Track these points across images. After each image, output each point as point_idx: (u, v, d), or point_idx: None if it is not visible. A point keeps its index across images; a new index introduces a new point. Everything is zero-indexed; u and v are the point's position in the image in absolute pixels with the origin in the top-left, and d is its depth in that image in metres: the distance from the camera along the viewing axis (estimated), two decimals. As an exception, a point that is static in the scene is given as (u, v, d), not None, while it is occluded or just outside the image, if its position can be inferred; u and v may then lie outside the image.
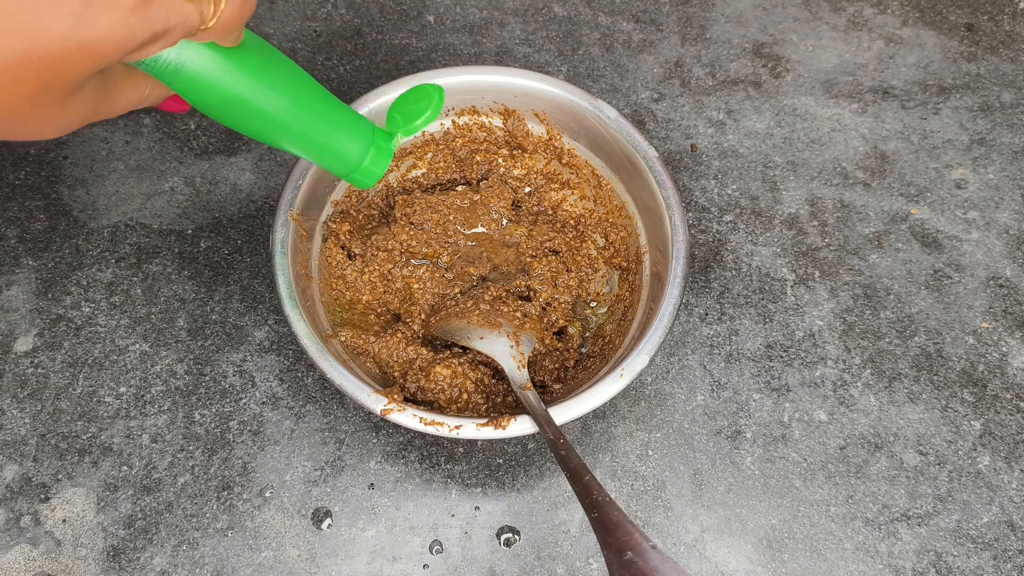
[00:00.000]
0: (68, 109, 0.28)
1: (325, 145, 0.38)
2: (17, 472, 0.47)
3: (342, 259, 0.50)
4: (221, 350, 0.52)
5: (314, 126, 0.37)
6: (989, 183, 0.61)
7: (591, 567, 0.46)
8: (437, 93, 0.41)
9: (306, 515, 0.47)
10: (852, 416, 0.51)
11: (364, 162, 0.40)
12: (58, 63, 0.25)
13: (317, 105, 0.37)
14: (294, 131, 0.36)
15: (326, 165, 0.40)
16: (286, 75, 0.35)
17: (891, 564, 0.47)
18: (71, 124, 0.29)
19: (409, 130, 0.41)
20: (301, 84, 0.36)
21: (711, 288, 0.56)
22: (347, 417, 0.50)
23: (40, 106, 0.26)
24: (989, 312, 0.56)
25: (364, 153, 0.39)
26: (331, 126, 0.38)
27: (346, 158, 0.39)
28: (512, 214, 0.53)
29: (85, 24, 0.24)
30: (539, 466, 0.49)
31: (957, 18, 0.70)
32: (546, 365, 0.48)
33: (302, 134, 0.36)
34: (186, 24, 0.28)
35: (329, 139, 0.38)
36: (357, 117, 0.39)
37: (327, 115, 0.37)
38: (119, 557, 0.45)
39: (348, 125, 0.39)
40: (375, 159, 0.40)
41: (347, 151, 0.39)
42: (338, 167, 0.40)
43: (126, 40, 0.26)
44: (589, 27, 0.69)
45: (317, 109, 0.37)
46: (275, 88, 0.34)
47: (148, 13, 0.26)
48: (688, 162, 0.62)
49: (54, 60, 0.25)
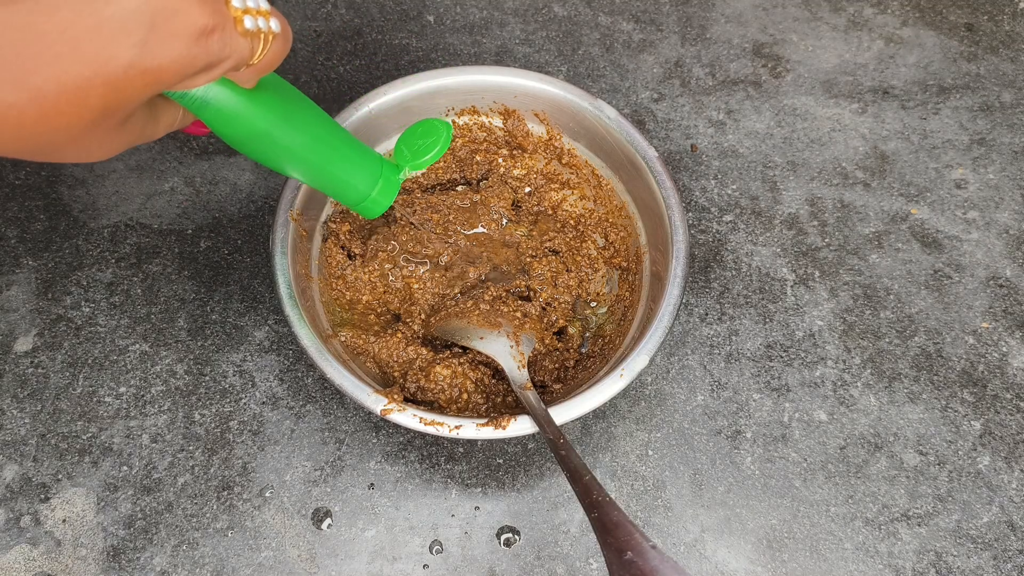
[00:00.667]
0: (121, 133, 0.29)
1: (337, 177, 0.40)
2: (17, 472, 0.47)
3: (342, 259, 0.50)
4: (221, 350, 0.52)
5: (328, 160, 0.38)
6: (989, 183, 0.61)
7: (591, 567, 0.46)
8: (446, 130, 0.43)
9: (306, 515, 0.47)
10: (852, 416, 0.51)
11: (372, 193, 0.41)
12: (120, 89, 0.25)
13: (332, 140, 0.38)
14: (309, 164, 0.38)
15: (337, 195, 0.41)
16: (304, 112, 0.36)
17: (891, 564, 0.47)
18: (119, 147, 0.30)
19: (417, 165, 0.43)
20: (317, 121, 0.37)
21: (711, 288, 0.56)
22: (347, 417, 0.50)
23: (97, 129, 0.27)
24: (989, 312, 0.56)
25: (373, 185, 0.41)
26: (344, 160, 0.39)
27: (356, 190, 0.41)
28: (512, 214, 0.53)
29: (149, 52, 0.25)
30: (539, 466, 0.49)
31: (957, 18, 0.70)
32: (546, 365, 0.48)
33: (316, 167, 0.38)
34: (238, 57, 0.29)
35: (341, 172, 0.39)
36: (367, 151, 0.41)
37: (340, 150, 0.39)
38: (119, 557, 0.45)
39: (359, 159, 0.40)
40: (383, 191, 0.42)
41: (357, 183, 0.41)
42: (348, 198, 0.41)
43: (185, 69, 0.26)
44: (589, 27, 0.69)
45: (332, 144, 0.38)
46: (294, 124, 0.35)
47: (208, 44, 0.27)
48: (688, 162, 0.62)
49: (117, 86, 0.25)
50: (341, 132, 0.39)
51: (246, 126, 0.33)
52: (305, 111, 0.36)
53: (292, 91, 0.36)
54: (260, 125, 0.34)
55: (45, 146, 0.27)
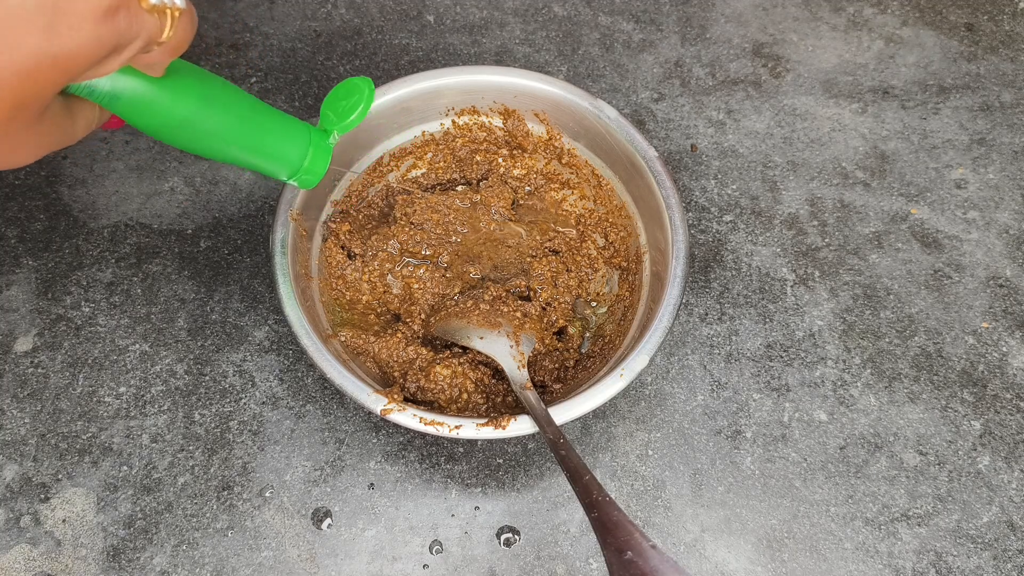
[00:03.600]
0: (40, 131, 0.29)
1: (267, 154, 0.38)
2: (17, 472, 0.47)
3: (342, 259, 0.50)
4: (221, 350, 0.52)
5: (254, 138, 0.37)
6: (989, 183, 0.61)
7: (591, 567, 0.46)
8: (367, 86, 0.41)
9: (306, 515, 0.47)
10: (852, 416, 0.51)
11: (304, 164, 0.40)
12: (31, 78, 0.25)
13: (255, 117, 0.37)
14: (235, 145, 0.36)
15: (269, 172, 0.40)
16: (221, 92, 0.35)
17: (891, 564, 0.47)
18: (40, 149, 0.30)
19: (344, 127, 0.41)
20: (236, 99, 0.36)
21: (711, 288, 0.56)
22: (347, 417, 0.50)
23: (14, 126, 0.27)
24: (989, 312, 0.56)
25: (303, 156, 0.40)
26: (270, 135, 0.38)
27: (288, 163, 0.39)
28: (512, 214, 0.53)
29: (56, 37, 0.25)
30: (539, 466, 0.49)
31: (957, 18, 0.70)
32: (546, 365, 0.48)
33: (243, 146, 0.37)
34: (147, 35, 0.28)
35: (270, 148, 0.38)
36: (293, 122, 0.39)
37: (265, 125, 0.37)
38: (119, 557, 0.45)
39: (285, 132, 0.39)
40: (315, 159, 0.40)
41: (289, 156, 0.39)
42: (280, 172, 0.40)
43: (95, 51, 0.26)
44: (589, 27, 0.69)
45: (255, 121, 0.37)
46: (212, 106, 0.34)
47: (115, 23, 0.26)
48: (688, 162, 0.62)
49: (28, 75, 0.25)
50: (263, 107, 0.38)
51: (163, 114, 0.32)
52: (221, 91, 0.35)
53: (204, 73, 0.35)
54: (177, 112, 0.32)
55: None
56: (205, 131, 0.34)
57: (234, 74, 0.64)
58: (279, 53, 0.66)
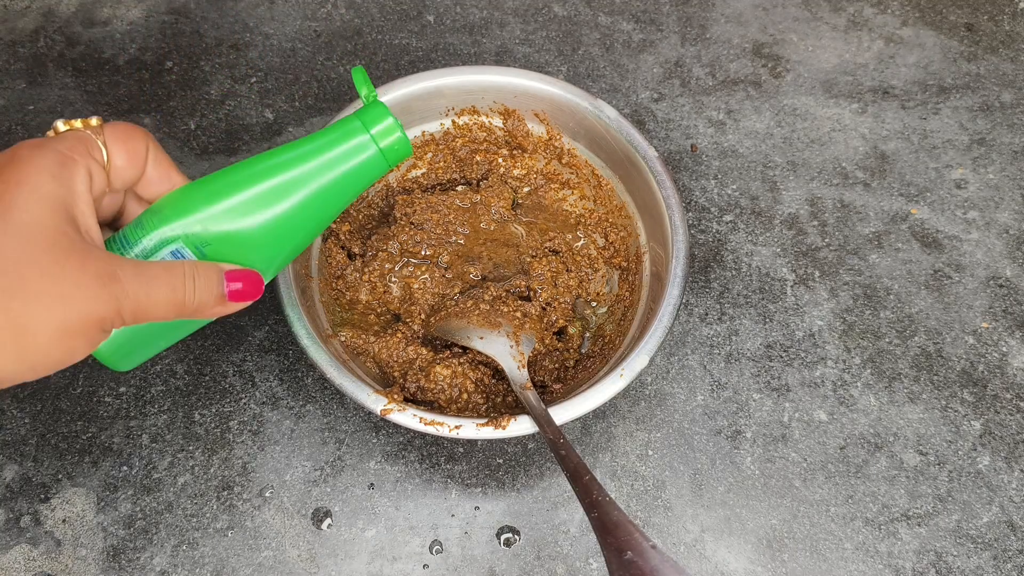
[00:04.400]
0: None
1: (347, 178, 0.35)
2: (17, 472, 0.47)
3: (342, 259, 0.50)
4: (221, 350, 0.52)
5: (324, 183, 0.35)
6: (989, 183, 0.61)
7: (591, 567, 0.46)
8: (357, 75, 0.37)
9: (306, 515, 0.47)
10: (852, 416, 0.51)
11: (379, 147, 0.36)
12: (14, 382, 0.28)
13: (306, 168, 0.34)
14: (318, 203, 0.35)
15: (364, 183, 0.37)
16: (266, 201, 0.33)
17: (891, 564, 0.47)
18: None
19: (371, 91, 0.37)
20: (270, 166, 0.34)
21: (711, 288, 0.56)
22: (347, 417, 0.50)
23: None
24: (989, 312, 0.56)
25: (368, 144, 0.35)
26: (332, 163, 0.35)
27: (373, 165, 0.36)
28: (512, 214, 0.53)
29: (27, 358, 0.27)
30: (539, 466, 0.49)
31: (957, 18, 0.70)
32: (546, 365, 0.48)
33: (326, 197, 0.35)
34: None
35: (343, 172, 0.35)
36: (339, 133, 0.35)
37: (320, 164, 0.35)
38: (119, 557, 0.45)
39: (343, 150, 0.35)
40: (383, 133, 0.36)
41: (367, 161, 0.36)
42: (374, 174, 0.36)
43: (70, 360, 0.28)
44: (589, 27, 0.69)
45: (310, 171, 0.34)
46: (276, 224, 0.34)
47: (87, 337, 0.28)
48: (688, 162, 0.62)
49: (10, 382, 0.27)
50: (304, 141, 0.35)
51: (238, 254, 0.33)
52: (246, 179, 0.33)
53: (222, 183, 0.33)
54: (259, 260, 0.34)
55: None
56: (292, 239, 0.35)
57: (234, 74, 0.64)
58: (279, 53, 0.66)
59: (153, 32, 0.66)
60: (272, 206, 0.33)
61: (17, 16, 0.67)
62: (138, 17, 0.67)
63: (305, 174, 0.34)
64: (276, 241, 0.34)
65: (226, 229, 0.33)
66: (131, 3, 0.68)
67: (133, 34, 0.66)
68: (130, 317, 0.28)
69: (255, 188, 0.33)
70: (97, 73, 0.64)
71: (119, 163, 0.31)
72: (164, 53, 0.65)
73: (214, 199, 0.33)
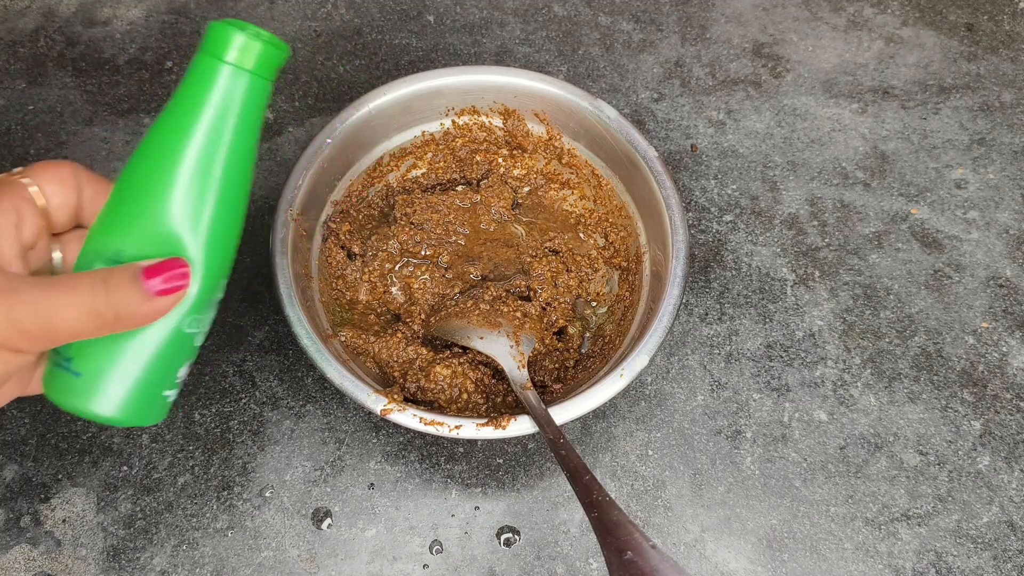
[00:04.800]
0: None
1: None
2: (17, 472, 0.47)
3: (342, 259, 0.50)
4: (221, 350, 0.52)
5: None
6: (989, 183, 0.61)
7: (591, 567, 0.46)
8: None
9: (306, 515, 0.47)
10: (852, 416, 0.51)
11: (248, 67, 0.30)
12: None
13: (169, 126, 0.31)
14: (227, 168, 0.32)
15: (260, 112, 0.32)
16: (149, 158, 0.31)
17: (891, 564, 0.47)
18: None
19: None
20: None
21: (711, 288, 0.56)
22: (347, 417, 0.50)
23: None
24: (989, 312, 0.56)
25: (237, 72, 0.30)
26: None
27: (254, 92, 0.31)
28: (512, 214, 0.53)
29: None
30: (539, 466, 0.49)
31: (957, 18, 0.70)
32: (546, 365, 0.48)
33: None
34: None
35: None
36: (197, 83, 0.30)
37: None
38: (119, 557, 0.45)
39: (216, 100, 0.30)
40: (241, 53, 0.30)
41: (245, 96, 0.31)
42: (260, 101, 0.31)
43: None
44: (589, 27, 0.69)
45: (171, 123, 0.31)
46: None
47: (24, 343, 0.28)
48: (688, 162, 0.62)
49: None
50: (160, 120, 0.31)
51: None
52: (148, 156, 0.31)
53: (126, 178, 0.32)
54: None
55: None
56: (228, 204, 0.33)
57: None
58: (279, 53, 0.66)
59: (153, 32, 0.66)
60: (169, 188, 0.31)
61: (17, 16, 0.67)
62: (138, 17, 0.67)
63: (192, 144, 0.30)
64: (194, 224, 0.31)
65: (138, 228, 0.31)
66: (131, 3, 0.68)
67: (133, 34, 0.66)
68: (37, 332, 0.27)
69: (147, 177, 0.31)
70: (97, 73, 0.64)
71: (51, 190, 0.31)
72: (164, 53, 0.65)
73: (118, 204, 0.32)
